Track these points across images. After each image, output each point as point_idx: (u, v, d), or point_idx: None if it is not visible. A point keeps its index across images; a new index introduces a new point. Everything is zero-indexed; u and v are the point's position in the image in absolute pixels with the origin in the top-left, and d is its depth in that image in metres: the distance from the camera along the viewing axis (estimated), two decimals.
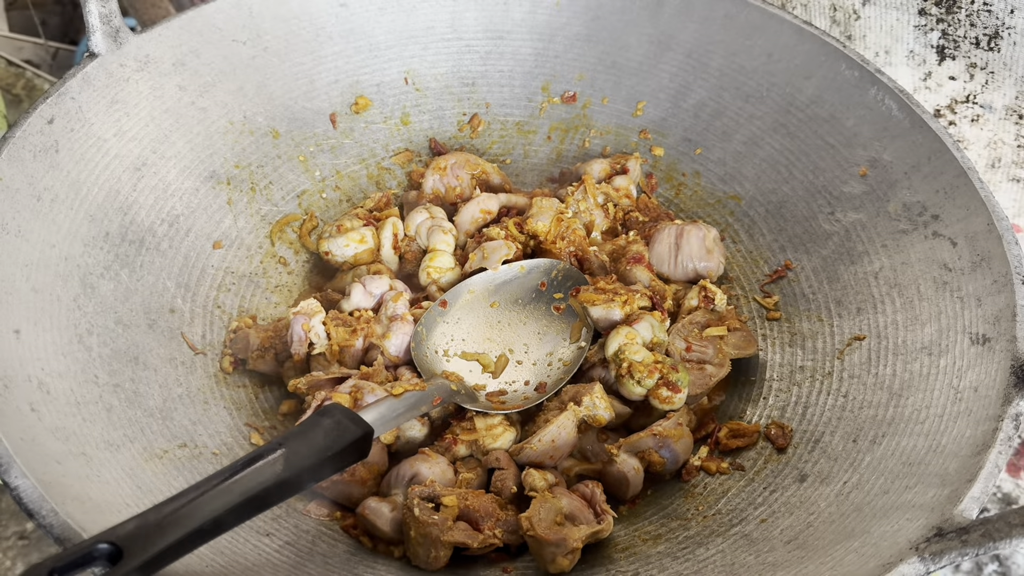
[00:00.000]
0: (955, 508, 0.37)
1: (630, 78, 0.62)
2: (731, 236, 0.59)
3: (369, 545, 0.46)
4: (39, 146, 0.48)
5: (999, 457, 0.39)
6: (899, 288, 0.50)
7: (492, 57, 0.64)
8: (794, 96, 0.57)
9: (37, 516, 0.36)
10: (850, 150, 0.55)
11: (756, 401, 0.52)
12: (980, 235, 0.47)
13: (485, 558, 0.45)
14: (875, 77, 0.54)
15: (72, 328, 0.46)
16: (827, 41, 0.56)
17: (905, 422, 0.44)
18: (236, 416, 0.50)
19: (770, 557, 0.41)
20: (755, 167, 0.59)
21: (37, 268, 0.46)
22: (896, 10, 0.62)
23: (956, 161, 0.50)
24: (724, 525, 0.45)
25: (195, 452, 0.46)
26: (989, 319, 0.45)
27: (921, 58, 0.63)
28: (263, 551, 0.42)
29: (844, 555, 0.39)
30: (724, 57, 0.59)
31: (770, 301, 0.56)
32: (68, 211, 0.49)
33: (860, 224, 0.53)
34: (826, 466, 0.45)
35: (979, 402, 0.42)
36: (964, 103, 0.63)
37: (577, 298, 0.53)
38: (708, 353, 0.52)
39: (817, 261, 0.54)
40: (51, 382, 0.43)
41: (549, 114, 0.64)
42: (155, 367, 0.49)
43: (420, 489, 0.44)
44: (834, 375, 0.50)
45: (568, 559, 0.43)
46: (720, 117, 0.60)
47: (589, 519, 0.45)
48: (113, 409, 0.45)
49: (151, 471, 0.43)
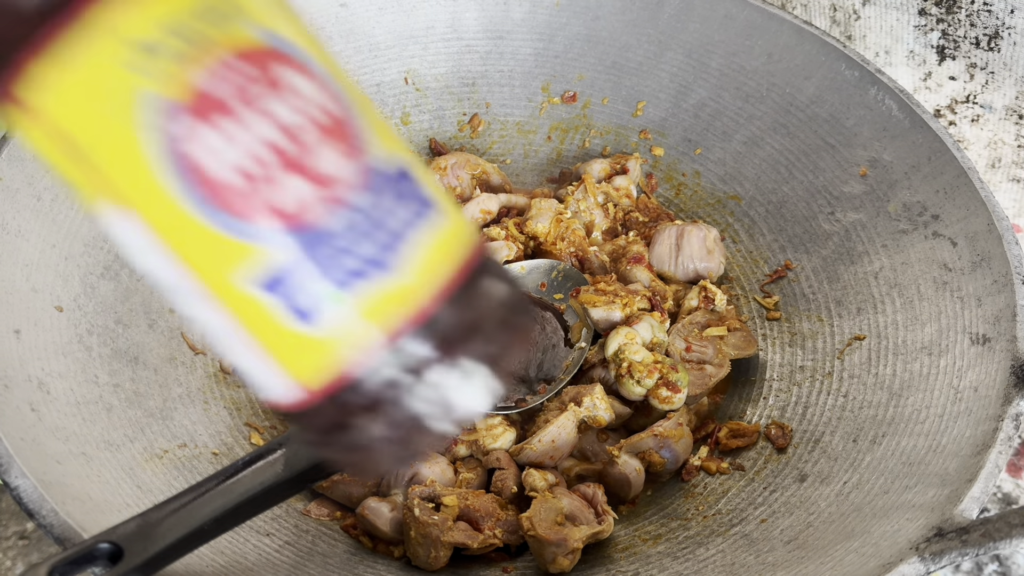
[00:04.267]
0: (955, 508, 0.37)
1: (630, 78, 0.62)
2: (731, 236, 0.59)
3: (369, 545, 0.46)
4: None
5: (999, 457, 0.39)
6: (899, 288, 0.50)
7: (492, 57, 0.64)
8: (794, 96, 0.57)
9: (37, 516, 0.36)
10: (850, 150, 0.55)
11: (756, 401, 0.52)
12: (980, 235, 0.47)
13: (485, 558, 0.45)
14: (875, 77, 0.54)
15: (72, 328, 0.46)
16: (827, 41, 0.56)
17: (905, 422, 0.44)
18: (236, 416, 0.50)
19: (770, 557, 0.41)
20: (755, 167, 0.59)
21: (37, 268, 0.46)
22: (896, 10, 0.62)
23: (956, 161, 0.50)
24: (724, 525, 0.45)
25: (195, 452, 0.46)
26: (989, 319, 0.45)
27: (921, 58, 0.63)
28: (263, 551, 0.42)
29: (844, 555, 0.39)
30: (724, 57, 0.59)
31: (770, 301, 0.56)
32: (68, 211, 0.49)
33: (860, 224, 0.53)
34: (826, 466, 0.45)
35: (979, 402, 0.42)
36: (964, 103, 0.63)
37: (577, 299, 0.53)
38: (708, 353, 0.52)
39: (817, 261, 0.55)
40: (51, 382, 0.43)
41: (549, 114, 0.64)
42: (155, 367, 0.49)
43: (420, 489, 0.44)
44: (834, 375, 0.50)
45: (569, 559, 0.43)
46: (720, 117, 0.60)
47: (590, 519, 0.45)
48: (113, 409, 0.45)
49: (151, 471, 0.43)
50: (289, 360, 0.23)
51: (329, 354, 0.23)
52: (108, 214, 0.22)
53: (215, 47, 0.21)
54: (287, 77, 0.22)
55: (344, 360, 0.23)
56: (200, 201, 0.21)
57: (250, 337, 0.23)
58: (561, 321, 0.54)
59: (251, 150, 0.21)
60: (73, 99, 0.21)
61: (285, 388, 0.24)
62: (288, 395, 0.24)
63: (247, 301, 0.22)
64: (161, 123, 0.21)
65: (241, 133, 0.21)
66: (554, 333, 0.53)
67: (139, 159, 0.21)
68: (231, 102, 0.21)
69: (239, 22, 0.21)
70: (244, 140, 0.21)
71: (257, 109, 0.21)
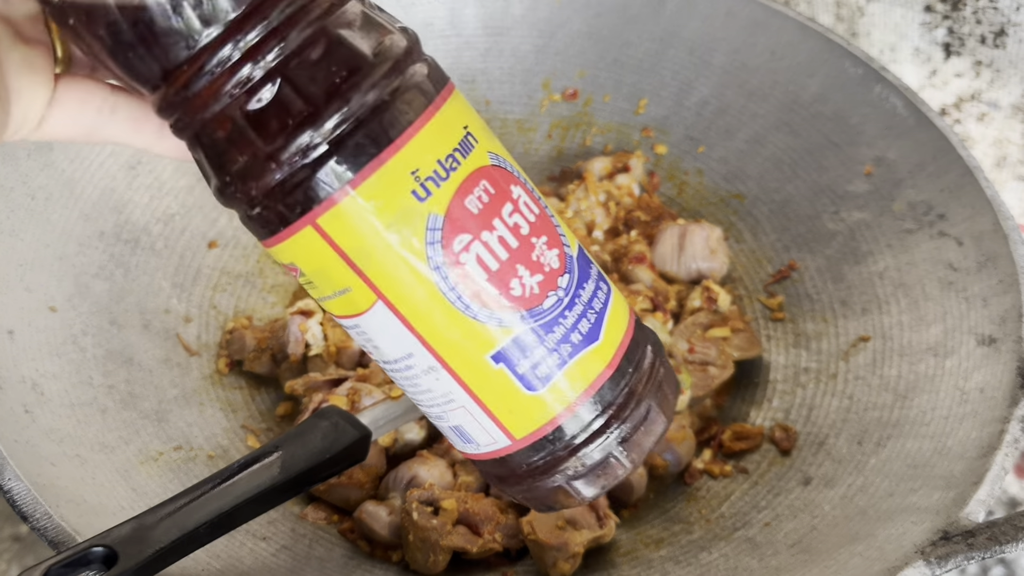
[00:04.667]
0: (961, 511, 0.37)
1: (632, 75, 0.62)
2: (734, 236, 0.59)
3: (367, 549, 0.45)
4: (33, 145, 0.48)
5: (1005, 459, 0.39)
6: (904, 288, 0.49)
7: (492, 54, 0.63)
8: (798, 94, 0.57)
9: (31, 519, 0.36)
10: (855, 148, 0.54)
11: (760, 403, 0.51)
12: (986, 235, 0.47)
13: (485, 562, 0.45)
14: (879, 75, 0.53)
15: (66, 328, 0.46)
16: (831, 38, 0.55)
17: (911, 424, 0.44)
18: (232, 418, 0.50)
19: (774, 561, 0.41)
20: (759, 165, 0.58)
21: (31, 268, 0.46)
22: (901, 7, 0.61)
23: (962, 160, 0.49)
24: (727, 529, 0.45)
25: (190, 455, 0.46)
26: (995, 320, 0.44)
27: (927, 55, 0.63)
28: (259, 555, 0.42)
29: (849, 559, 0.38)
30: (727, 54, 0.59)
31: (774, 302, 0.55)
32: (62, 210, 0.48)
33: (865, 223, 0.53)
34: (831, 469, 0.45)
35: (985, 404, 0.42)
36: (970, 101, 0.63)
37: None
38: (711, 354, 0.51)
39: (821, 261, 0.54)
40: (45, 383, 0.43)
41: (550, 111, 0.64)
42: (150, 368, 0.48)
43: (419, 493, 0.44)
44: (839, 377, 0.49)
45: (570, 563, 0.42)
46: (723, 115, 0.60)
47: (591, 523, 0.44)
48: (108, 411, 0.44)
49: (146, 474, 0.43)
50: (512, 419, 0.29)
51: (543, 410, 0.28)
52: (368, 314, 0.27)
53: (467, 172, 0.27)
54: (507, 187, 0.28)
55: (553, 413, 0.29)
56: (463, 297, 0.27)
57: (481, 405, 0.28)
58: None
59: (497, 251, 0.27)
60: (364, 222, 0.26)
61: (496, 439, 0.29)
62: (495, 446, 0.29)
63: (488, 374, 0.28)
64: (434, 237, 0.26)
65: (488, 237, 0.27)
66: None
67: (417, 270, 0.26)
68: (478, 215, 0.27)
69: (478, 150, 0.27)
70: (492, 243, 0.27)
71: (496, 216, 0.27)
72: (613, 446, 0.29)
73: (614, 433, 0.29)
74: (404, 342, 0.28)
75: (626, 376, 0.29)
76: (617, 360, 0.29)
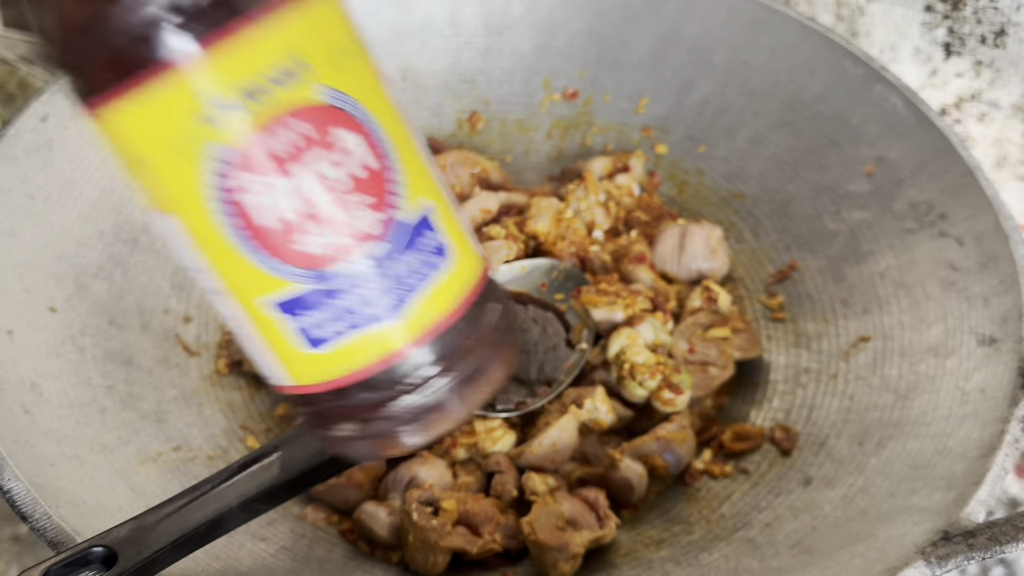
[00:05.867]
0: (961, 511, 0.37)
1: (632, 74, 0.62)
2: (735, 235, 0.58)
3: (366, 550, 0.45)
4: (32, 144, 0.48)
5: (1006, 460, 0.39)
6: (905, 288, 0.49)
7: (492, 53, 0.63)
8: (799, 93, 0.57)
9: (30, 519, 0.35)
10: (856, 148, 0.54)
11: (760, 403, 0.51)
12: (987, 234, 0.47)
13: (485, 563, 0.45)
14: (880, 74, 0.53)
15: (65, 329, 0.46)
16: (831, 38, 0.55)
17: (911, 424, 0.44)
18: (231, 419, 0.50)
19: (774, 562, 0.41)
20: (760, 165, 0.58)
21: (30, 268, 0.46)
22: (902, 6, 0.61)
23: (962, 159, 0.49)
24: (728, 530, 0.45)
25: (190, 455, 0.46)
26: (996, 320, 0.44)
27: (927, 55, 0.63)
28: (259, 556, 0.42)
29: (849, 559, 0.38)
30: (727, 54, 0.59)
31: (775, 302, 0.55)
32: (61, 210, 0.48)
33: (866, 223, 0.53)
34: (831, 469, 0.45)
35: (986, 404, 0.42)
36: (970, 101, 0.63)
37: (578, 299, 0.53)
38: (711, 355, 0.51)
39: (822, 261, 0.54)
40: (44, 384, 0.43)
41: (550, 111, 0.64)
42: (149, 368, 0.48)
43: (418, 493, 0.44)
44: (839, 377, 0.49)
45: (570, 564, 0.42)
46: (724, 114, 0.60)
47: (591, 524, 0.44)
48: (107, 411, 0.44)
49: (145, 474, 0.43)
50: (292, 368, 0.28)
51: (327, 369, 0.27)
52: (160, 220, 0.26)
53: (279, 107, 0.24)
54: (337, 133, 0.25)
55: (332, 376, 0.27)
56: (243, 238, 0.25)
57: (261, 343, 0.27)
58: (562, 322, 0.53)
59: (292, 202, 0.25)
60: (148, 134, 0.24)
61: (284, 383, 0.28)
62: (285, 387, 0.29)
63: (265, 319, 0.26)
64: (219, 169, 0.24)
65: (285, 185, 0.24)
66: (555, 334, 0.53)
67: (196, 195, 0.24)
68: (281, 157, 0.24)
69: (306, 83, 0.24)
70: (287, 192, 0.24)
71: (303, 164, 0.24)
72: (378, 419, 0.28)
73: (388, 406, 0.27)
74: (190, 257, 0.26)
75: (423, 357, 0.27)
76: (418, 340, 0.27)
